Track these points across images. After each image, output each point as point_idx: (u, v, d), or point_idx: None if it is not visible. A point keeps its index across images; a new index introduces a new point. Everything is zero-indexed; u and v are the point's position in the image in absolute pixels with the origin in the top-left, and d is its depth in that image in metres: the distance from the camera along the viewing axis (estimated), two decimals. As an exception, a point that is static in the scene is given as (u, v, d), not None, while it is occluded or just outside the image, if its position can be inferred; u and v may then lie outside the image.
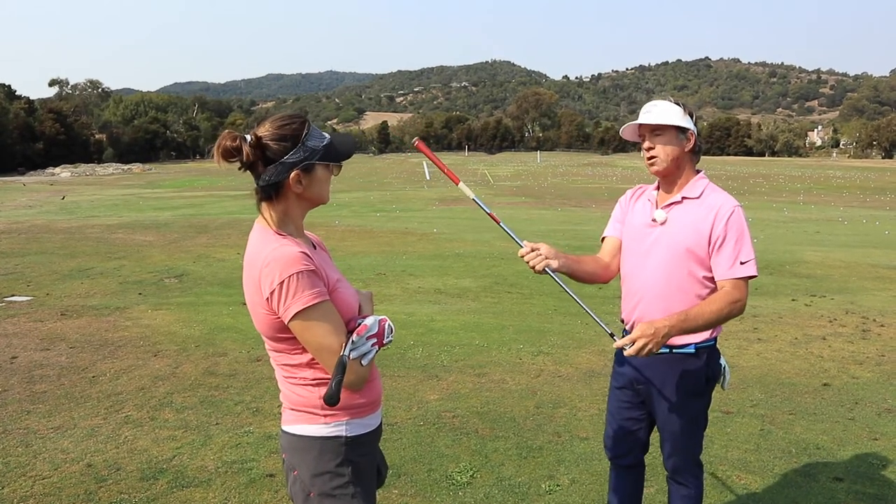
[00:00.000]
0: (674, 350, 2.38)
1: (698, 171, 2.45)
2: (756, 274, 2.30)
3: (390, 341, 1.77)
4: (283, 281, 1.62)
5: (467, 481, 3.47)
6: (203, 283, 9.14)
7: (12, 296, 8.02)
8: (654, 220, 2.41)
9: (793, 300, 8.45)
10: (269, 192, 1.73)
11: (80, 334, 6.25)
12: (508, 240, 2.35)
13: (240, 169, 1.71)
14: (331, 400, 1.61)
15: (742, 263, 2.27)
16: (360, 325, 1.71)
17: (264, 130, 1.70)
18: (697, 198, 2.37)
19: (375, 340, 1.72)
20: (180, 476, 3.46)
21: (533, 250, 2.26)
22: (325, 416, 1.75)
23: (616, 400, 2.59)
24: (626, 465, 2.61)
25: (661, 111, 2.35)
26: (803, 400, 4.78)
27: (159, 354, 5.63)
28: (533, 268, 2.25)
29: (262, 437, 3.93)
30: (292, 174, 1.70)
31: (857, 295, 8.82)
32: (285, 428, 1.81)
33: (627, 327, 2.51)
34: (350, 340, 1.67)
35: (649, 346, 2.08)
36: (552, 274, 2.27)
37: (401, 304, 7.77)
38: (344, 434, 1.77)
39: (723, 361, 2.49)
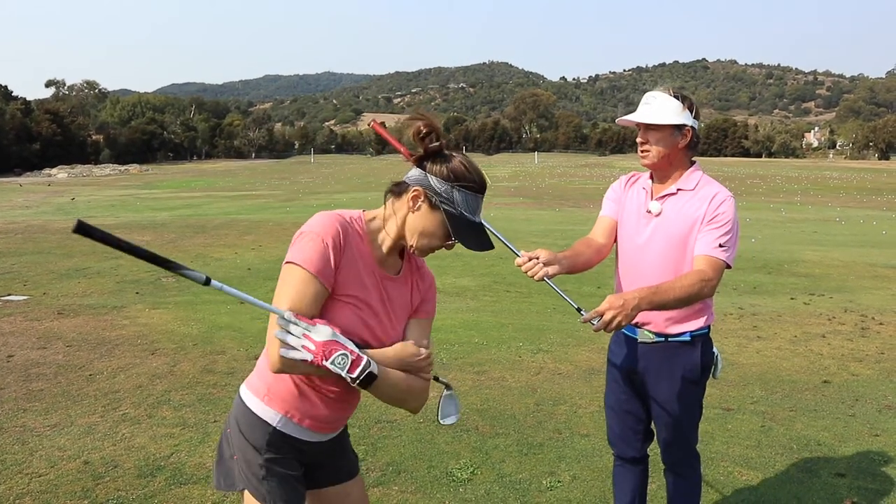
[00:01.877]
0: (669, 339, 2.38)
1: (693, 163, 2.43)
2: (731, 264, 2.27)
3: (333, 369, 1.52)
4: (302, 232, 1.62)
5: (468, 478, 3.45)
6: (201, 282, 9.11)
7: (9, 295, 7.98)
8: (648, 212, 2.40)
9: (791, 299, 8.45)
10: (399, 187, 1.70)
11: (77, 333, 6.21)
12: (507, 238, 2.32)
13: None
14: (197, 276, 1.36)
15: (720, 246, 2.25)
16: (318, 319, 1.55)
17: (454, 153, 1.68)
18: (692, 189, 2.35)
19: (313, 347, 1.51)
20: (178, 473, 3.43)
21: (531, 259, 2.21)
22: (265, 398, 1.73)
23: (614, 393, 2.57)
24: (631, 457, 2.59)
25: (658, 106, 2.32)
26: (804, 397, 4.77)
27: (157, 353, 5.60)
28: (532, 276, 2.22)
29: (261, 435, 3.91)
30: (418, 188, 1.65)
31: (855, 293, 8.82)
32: (244, 385, 1.81)
33: None
34: (301, 320, 1.51)
35: (618, 319, 2.01)
36: (549, 282, 2.24)
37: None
38: (273, 424, 1.71)
39: (715, 350, 2.48)
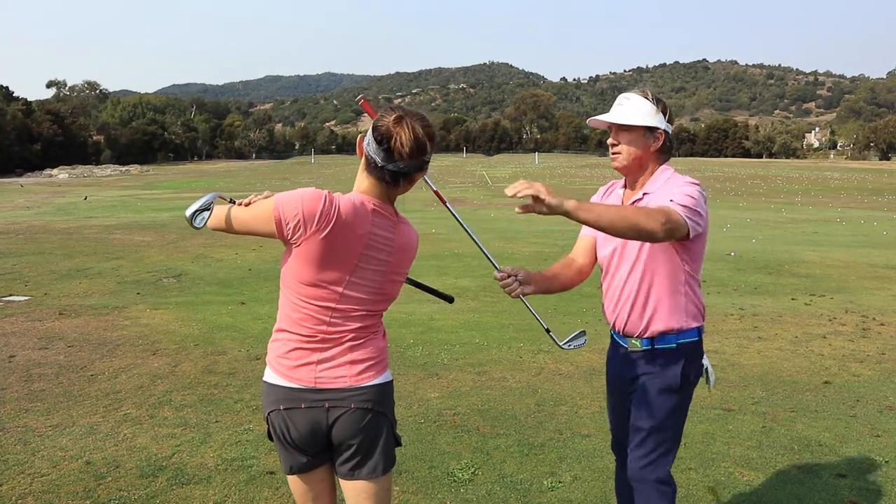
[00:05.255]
0: (655, 346, 2.30)
1: (666, 164, 2.33)
2: (690, 231, 2.09)
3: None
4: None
5: (469, 478, 3.45)
6: (201, 282, 9.12)
7: (10, 295, 7.99)
8: None
9: (792, 299, 8.44)
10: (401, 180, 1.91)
11: (79, 333, 6.22)
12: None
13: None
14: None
15: (671, 201, 2.11)
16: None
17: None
18: (658, 190, 2.27)
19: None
20: (180, 473, 3.44)
21: (510, 276, 2.23)
22: None
23: (610, 397, 2.55)
24: None
25: (631, 107, 2.27)
26: (804, 397, 4.78)
27: (158, 353, 5.61)
28: (509, 294, 2.25)
29: (262, 435, 3.91)
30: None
31: (856, 294, 8.82)
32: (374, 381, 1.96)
33: (614, 330, 2.45)
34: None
35: (527, 191, 1.90)
36: (524, 300, 2.27)
37: (400, 303, 7.74)
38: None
39: (705, 362, 2.40)
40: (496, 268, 2.28)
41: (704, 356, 2.41)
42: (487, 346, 5.97)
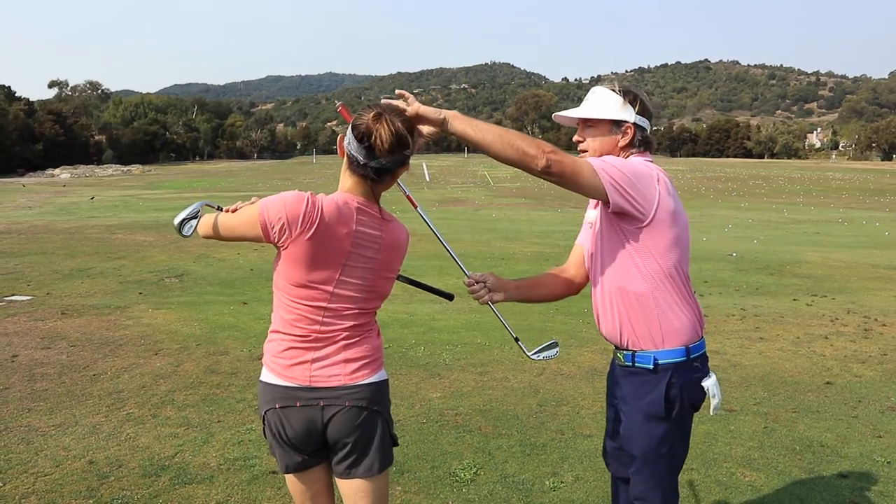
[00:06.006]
0: (636, 362, 2.13)
1: (643, 153, 2.20)
2: (598, 176, 1.93)
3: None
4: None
5: (471, 478, 3.46)
6: (203, 282, 9.13)
7: (12, 295, 8.00)
8: (590, 224, 2.28)
9: (794, 300, 8.44)
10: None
11: (81, 333, 6.23)
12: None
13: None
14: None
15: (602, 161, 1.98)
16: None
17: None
18: None
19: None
20: (182, 473, 3.45)
21: (479, 282, 2.20)
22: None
23: (607, 411, 2.45)
24: (623, 477, 2.39)
25: (595, 101, 2.17)
26: (806, 398, 4.78)
27: (160, 353, 5.62)
28: (477, 300, 2.22)
29: (265, 435, 3.92)
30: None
31: (858, 295, 8.81)
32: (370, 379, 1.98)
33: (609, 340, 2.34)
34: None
35: (405, 103, 1.91)
36: (493, 308, 2.25)
37: (402, 303, 7.77)
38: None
39: (707, 383, 2.15)
40: (465, 273, 2.27)
41: (709, 378, 2.17)
42: (489, 347, 5.98)
